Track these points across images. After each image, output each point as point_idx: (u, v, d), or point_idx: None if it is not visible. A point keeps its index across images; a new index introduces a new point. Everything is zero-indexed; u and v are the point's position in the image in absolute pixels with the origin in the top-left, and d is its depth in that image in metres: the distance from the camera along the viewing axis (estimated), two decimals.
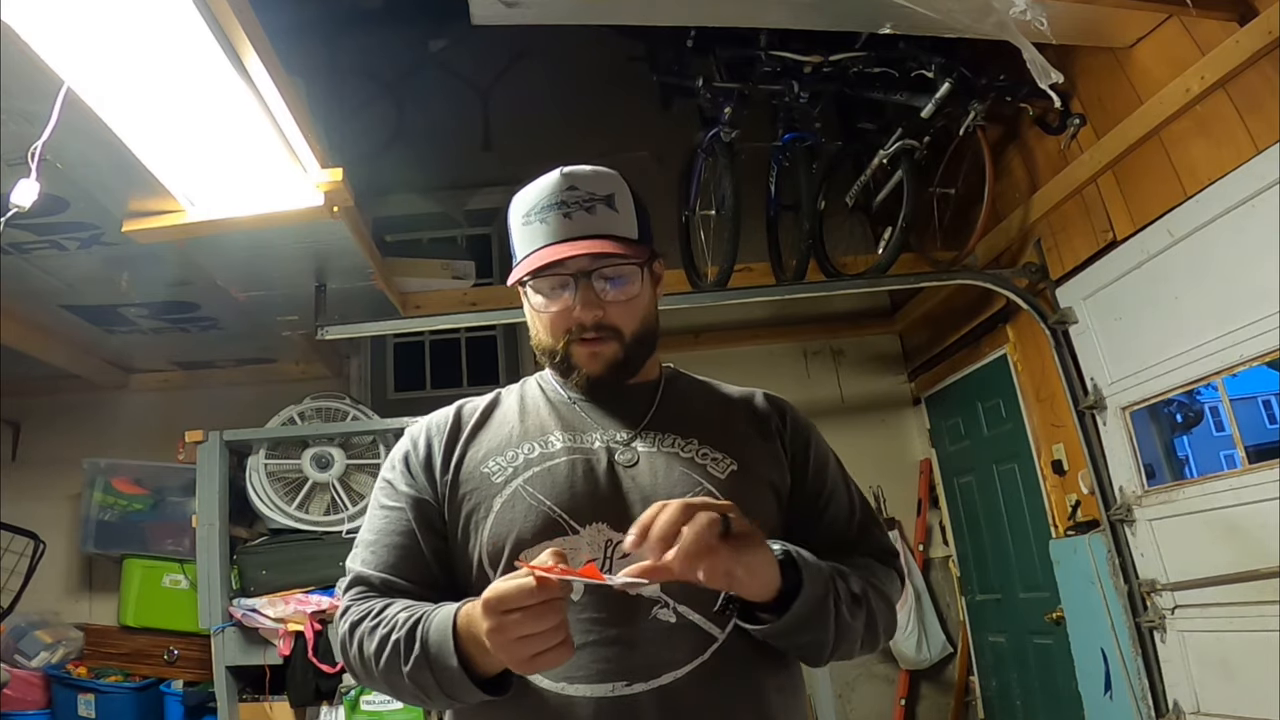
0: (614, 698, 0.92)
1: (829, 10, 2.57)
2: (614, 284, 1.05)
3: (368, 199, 3.21)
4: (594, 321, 1.05)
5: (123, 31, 1.59)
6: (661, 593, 0.95)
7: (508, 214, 1.12)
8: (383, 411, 3.71)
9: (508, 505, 1.01)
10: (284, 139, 2.06)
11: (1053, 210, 3.10)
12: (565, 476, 1.01)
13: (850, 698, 4.00)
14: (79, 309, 3.32)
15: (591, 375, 1.07)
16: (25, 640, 3.54)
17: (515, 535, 0.99)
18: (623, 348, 1.07)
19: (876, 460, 4.26)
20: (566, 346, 1.07)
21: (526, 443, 1.06)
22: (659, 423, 1.08)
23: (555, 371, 1.13)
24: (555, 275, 1.05)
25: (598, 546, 0.97)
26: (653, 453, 1.05)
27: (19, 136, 1.79)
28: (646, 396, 1.12)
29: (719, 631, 0.96)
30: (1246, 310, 2.27)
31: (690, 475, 1.02)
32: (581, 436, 1.07)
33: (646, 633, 0.94)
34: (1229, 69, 2.23)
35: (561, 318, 1.06)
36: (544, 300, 1.07)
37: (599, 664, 0.93)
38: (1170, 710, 2.65)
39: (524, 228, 1.08)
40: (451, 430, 1.10)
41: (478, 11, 2.36)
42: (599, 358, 1.06)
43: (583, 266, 1.04)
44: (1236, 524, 2.39)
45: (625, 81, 4.07)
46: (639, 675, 0.93)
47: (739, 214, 3.27)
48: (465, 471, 1.05)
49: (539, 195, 1.07)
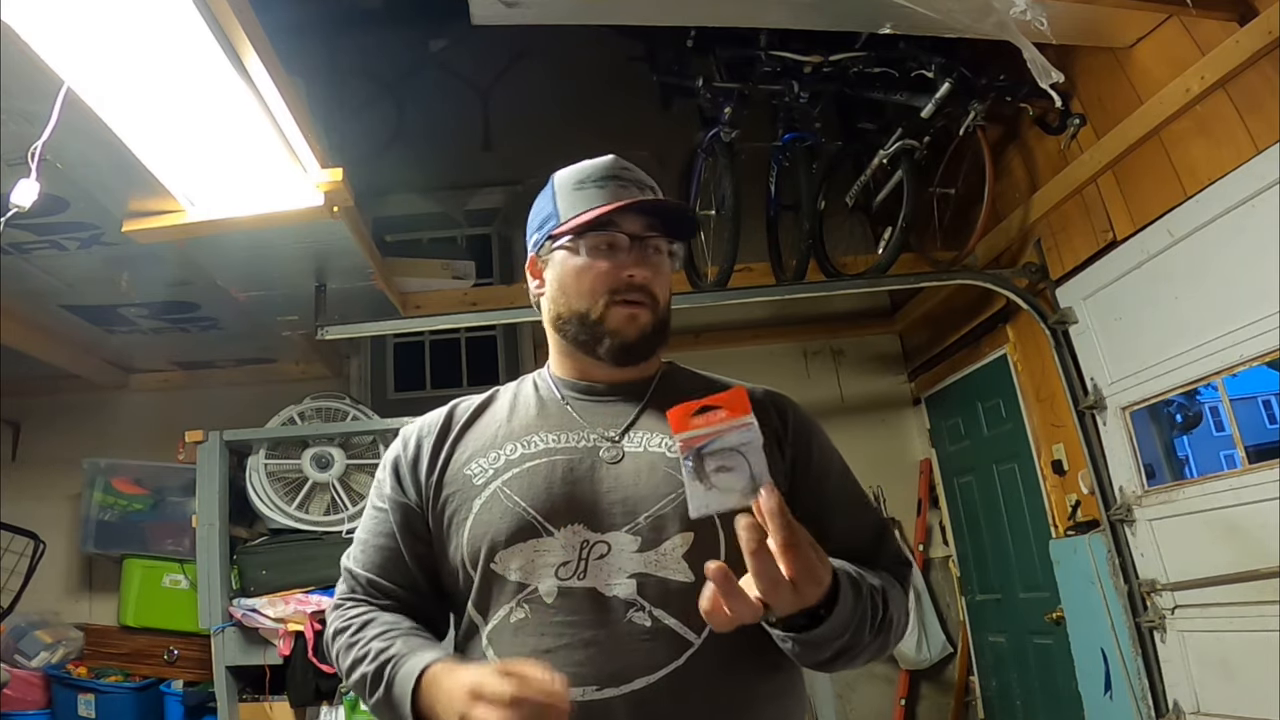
0: (584, 702, 0.90)
1: (829, 10, 2.57)
2: (658, 257, 1.09)
3: (368, 199, 3.21)
4: (644, 281, 1.06)
5: (123, 31, 1.59)
6: (637, 595, 0.94)
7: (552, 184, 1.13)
8: (383, 411, 3.71)
9: (486, 507, 1.01)
10: (284, 139, 2.06)
11: (1053, 210, 3.10)
12: (543, 478, 1.01)
13: (850, 698, 4.00)
14: (79, 309, 3.32)
15: (626, 340, 1.06)
16: (25, 640, 3.54)
17: (491, 537, 0.99)
18: (655, 318, 1.08)
19: (876, 460, 4.26)
20: (606, 307, 1.06)
21: (510, 443, 1.06)
22: (648, 421, 1.07)
23: (574, 343, 1.09)
24: (608, 233, 1.06)
25: (572, 548, 0.97)
26: (639, 452, 1.03)
27: (19, 136, 1.79)
28: (638, 393, 1.10)
29: (695, 637, 0.94)
30: (1246, 310, 2.27)
31: (674, 477, 0.99)
32: (568, 435, 1.06)
33: (620, 636, 0.93)
34: (1229, 69, 2.23)
35: (608, 276, 1.06)
36: (588, 260, 1.06)
37: (571, 668, 0.91)
38: (1170, 710, 2.64)
39: (576, 192, 1.09)
40: (441, 431, 1.10)
41: (478, 11, 2.36)
42: (636, 321, 1.06)
43: (637, 230, 1.06)
44: (1236, 524, 2.39)
45: (625, 81, 4.06)
46: (611, 679, 0.92)
47: (739, 214, 3.27)
48: (450, 473, 1.06)
49: (594, 167, 1.10)
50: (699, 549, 0.96)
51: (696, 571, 0.95)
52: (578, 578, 0.95)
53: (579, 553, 0.96)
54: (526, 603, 0.96)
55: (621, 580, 0.95)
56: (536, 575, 0.96)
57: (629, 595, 0.94)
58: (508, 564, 0.97)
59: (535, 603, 0.96)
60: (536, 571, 0.96)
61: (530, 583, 0.96)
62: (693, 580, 0.95)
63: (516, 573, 0.97)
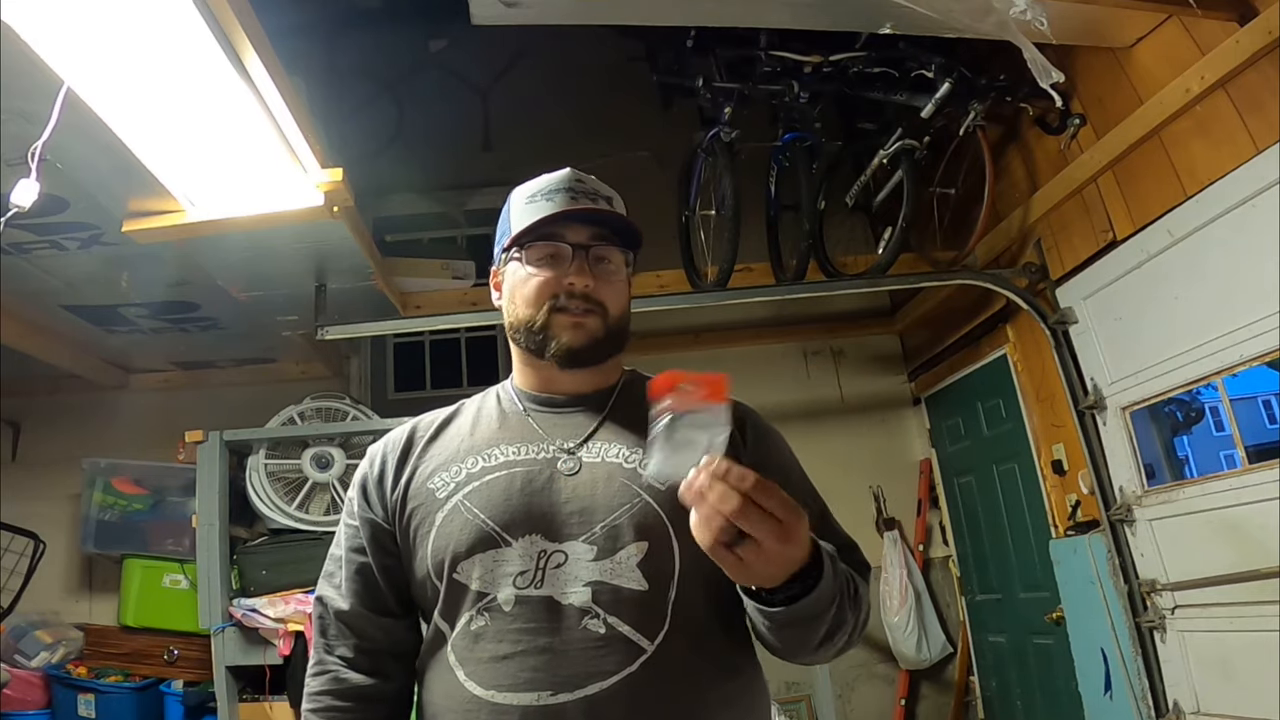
0: (540, 706, 0.93)
1: (829, 10, 2.57)
2: (604, 265, 1.09)
3: (368, 199, 3.21)
4: (584, 290, 1.07)
5: (123, 31, 1.59)
6: (592, 603, 0.96)
7: (505, 203, 1.15)
8: (383, 411, 3.71)
9: (447, 519, 1.03)
10: (284, 139, 2.06)
11: (1053, 210, 3.10)
12: (502, 490, 1.03)
13: (850, 698, 4.00)
14: (79, 309, 3.32)
15: (572, 346, 1.07)
16: (25, 640, 3.54)
17: (453, 549, 1.01)
18: (604, 325, 1.09)
19: (876, 460, 4.27)
20: (548, 315, 1.07)
21: (471, 457, 1.08)
22: (606, 432, 1.09)
23: (526, 352, 1.12)
24: (551, 244, 1.08)
25: (530, 558, 0.99)
26: (596, 462, 1.05)
27: (19, 136, 1.79)
28: (598, 404, 1.12)
29: (648, 644, 0.96)
30: (1246, 310, 2.27)
31: (630, 486, 1.02)
32: (528, 448, 1.07)
33: (575, 643, 0.95)
34: (1229, 69, 2.23)
35: (550, 284, 1.07)
36: (533, 269, 1.09)
37: (526, 673, 0.94)
38: (1170, 710, 2.65)
39: (527, 205, 1.11)
40: (404, 448, 1.13)
41: (478, 11, 2.36)
42: (582, 329, 1.07)
43: (581, 240, 1.08)
44: (1236, 524, 2.39)
45: (625, 81, 4.07)
46: (565, 685, 0.94)
47: (739, 214, 3.26)
48: (414, 487, 1.08)
49: (548, 181, 1.12)
50: (653, 558, 0.99)
51: (650, 580, 0.98)
52: (535, 586, 0.98)
53: (536, 562, 0.98)
54: (486, 611, 0.99)
55: (577, 588, 0.97)
56: (496, 584, 0.99)
57: (584, 603, 0.96)
58: (469, 574, 1.00)
59: (494, 611, 0.98)
60: (496, 581, 0.99)
61: (490, 591, 0.99)
62: (646, 588, 0.98)
63: (477, 582, 1.00)
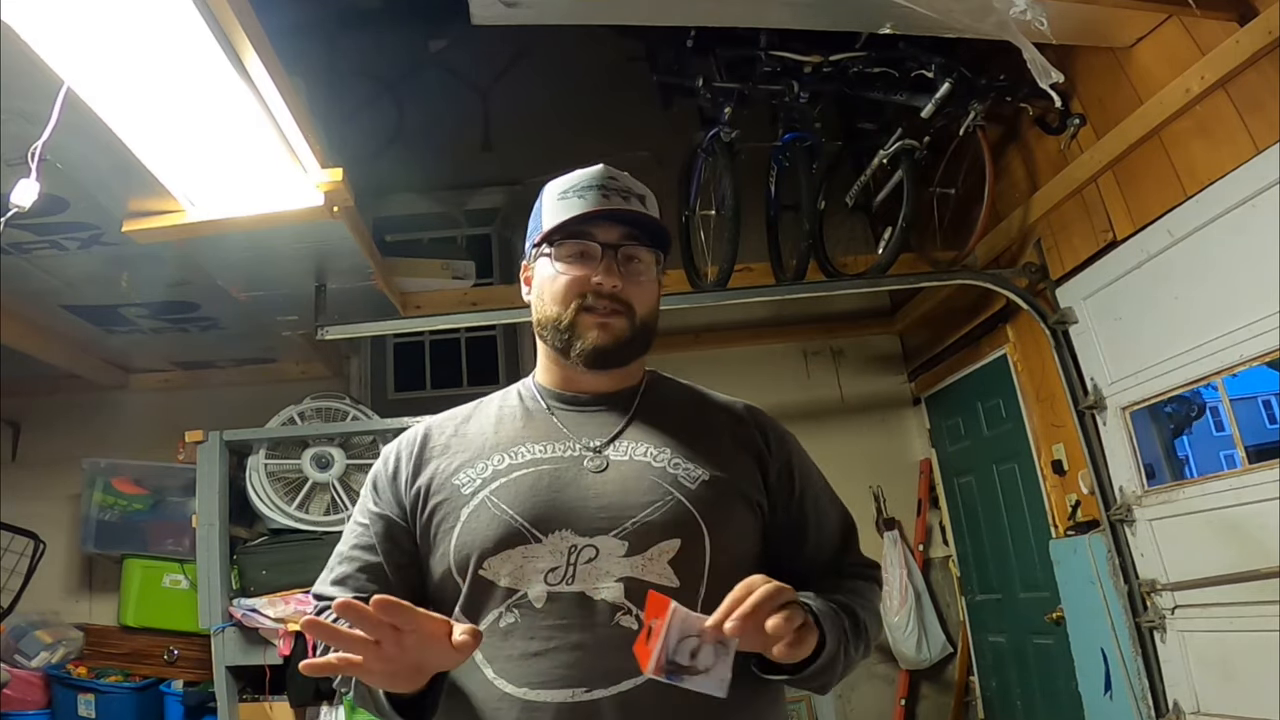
0: (573, 703, 0.93)
1: (829, 10, 2.57)
2: (634, 265, 1.09)
3: (368, 199, 3.21)
4: (612, 290, 1.07)
5: (123, 31, 1.59)
6: (625, 599, 0.96)
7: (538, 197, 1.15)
8: (383, 411, 3.71)
9: (474, 515, 1.02)
10: (284, 139, 2.06)
11: (1053, 210, 3.09)
12: (530, 486, 1.03)
13: (850, 698, 4.00)
14: (79, 309, 3.32)
15: (598, 346, 1.07)
16: (25, 640, 3.54)
17: (480, 545, 1.01)
18: (631, 326, 1.09)
19: (876, 460, 4.26)
20: (575, 314, 1.07)
21: (497, 454, 1.08)
22: (634, 431, 1.09)
23: (553, 350, 1.12)
24: (580, 242, 1.08)
25: (560, 554, 0.99)
26: (624, 460, 1.06)
27: (19, 136, 1.79)
28: (624, 403, 1.12)
29: None
30: (1246, 310, 2.27)
31: (660, 484, 1.03)
32: (554, 445, 1.08)
33: (608, 640, 0.95)
34: (1229, 69, 2.23)
35: (578, 283, 1.08)
36: (562, 266, 1.09)
37: (560, 670, 0.94)
38: (1170, 710, 2.65)
39: (559, 201, 1.11)
40: (420, 445, 1.13)
41: (477, 11, 2.36)
42: (609, 329, 1.08)
43: (611, 239, 1.08)
44: (1236, 524, 2.39)
45: (625, 81, 4.07)
46: (599, 682, 0.94)
47: (739, 214, 3.27)
48: (436, 483, 1.08)
49: (581, 177, 1.11)
50: (685, 555, 0.99)
51: (682, 577, 0.98)
52: (566, 582, 0.98)
53: (567, 558, 0.98)
54: (516, 607, 0.98)
55: (609, 584, 0.97)
56: (526, 581, 0.99)
57: (616, 599, 0.96)
58: (497, 570, 1.00)
59: (525, 607, 0.98)
60: (526, 577, 0.99)
61: (520, 588, 0.99)
62: (678, 585, 0.98)
63: (506, 578, 0.99)
